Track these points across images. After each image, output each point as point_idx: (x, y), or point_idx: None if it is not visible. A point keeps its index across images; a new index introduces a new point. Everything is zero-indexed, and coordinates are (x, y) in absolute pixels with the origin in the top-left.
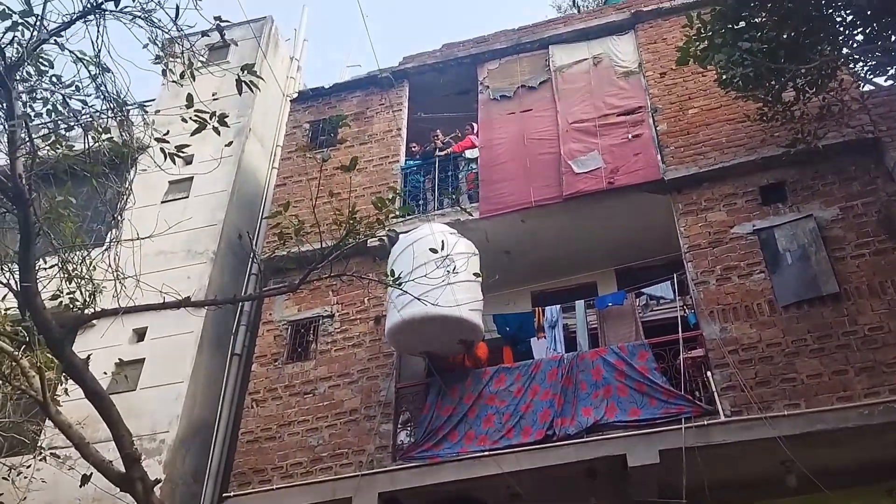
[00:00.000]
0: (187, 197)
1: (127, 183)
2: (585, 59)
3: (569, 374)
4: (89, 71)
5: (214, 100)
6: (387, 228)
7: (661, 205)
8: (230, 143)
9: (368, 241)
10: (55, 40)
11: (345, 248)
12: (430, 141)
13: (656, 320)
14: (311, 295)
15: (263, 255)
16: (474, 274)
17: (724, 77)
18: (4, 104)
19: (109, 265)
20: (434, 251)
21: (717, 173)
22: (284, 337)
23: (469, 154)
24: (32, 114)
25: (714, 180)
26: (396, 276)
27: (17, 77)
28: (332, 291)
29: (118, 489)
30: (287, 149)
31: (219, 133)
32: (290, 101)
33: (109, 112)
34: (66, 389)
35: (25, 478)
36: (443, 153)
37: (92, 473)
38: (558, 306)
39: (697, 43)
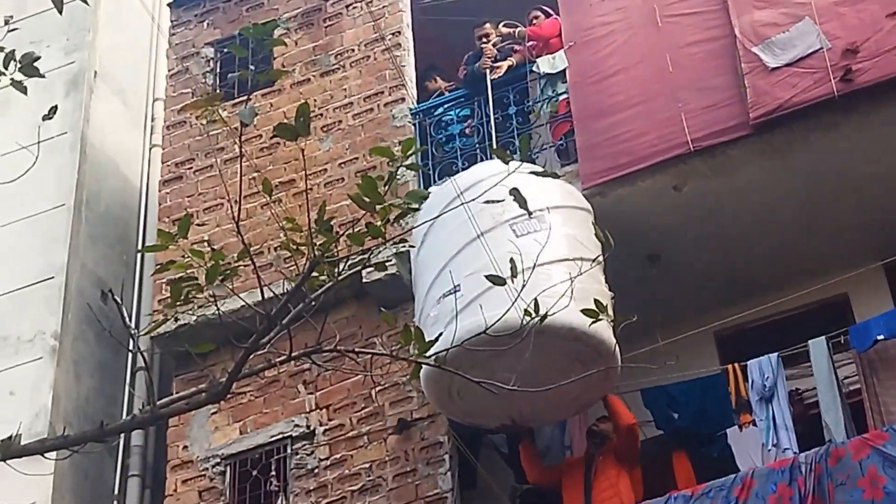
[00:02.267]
0: None
1: None
2: None
3: (816, 494)
4: None
5: (10, 29)
6: (390, 243)
7: None
8: (52, 110)
9: (364, 274)
10: None
11: (313, 297)
12: (472, 52)
13: None
14: (265, 398)
15: (154, 329)
16: (593, 258)
17: None
18: None
19: None
20: (499, 203)
21: None
22: (219, 488)
23: (548, 64)
24: None
25: None
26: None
27: None
28: (304, 385)
29: None
30: (174, 104)
31: (25, 92)
32: (169, 4)
33: None
34: None
35: None
36: (497, 67)
37: None
38: (774, 356)
39: None
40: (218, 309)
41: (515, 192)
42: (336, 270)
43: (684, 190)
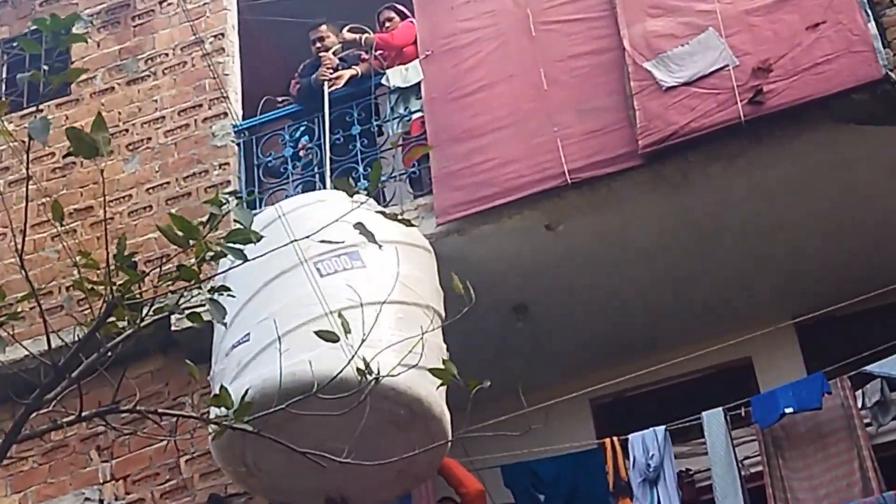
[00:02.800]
0: None
1: None
2: None
3: None
4: None
5: None
6: (206, 285)
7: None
8: None
9: (172, 321)
10: None
11: (110, 346)
12: (311, 58)
13: None
14: (51, 466)
15: None
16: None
17: None
18: None
19: None
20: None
21: None
22: None
23: (400, 76)
24: None
25: None
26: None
27: None
28: (97, 452)
29: None
30: None
31: None
32: None
33: None
34: None
35: None
36: (337, 78)
37: None
38: (661, 429)
39: None
40: None
41: (360, 227)
42: (139, 315)
43: (559, 229)
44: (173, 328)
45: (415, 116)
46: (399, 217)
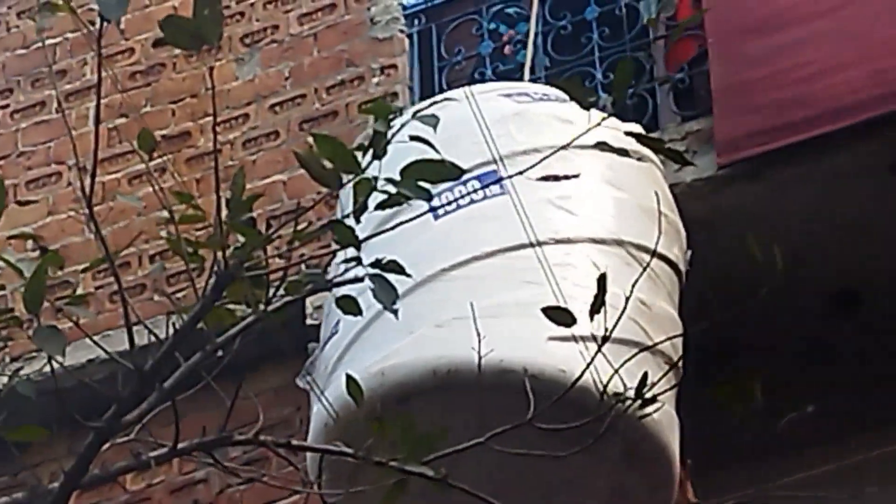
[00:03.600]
0: None
1: None
2: None
3: None
4: None
5: None
6: (360, 243)
7: None
8: None
9: (309, 309)
10: None
11: (221, 343)
12: None
13: None
14: None
15: None
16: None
17: None
18: None
19: None
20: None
21: None
22: None
23: None
24: None
25: None
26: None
27: None
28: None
29: None
30: None
31: None
32: None
33: None
34: None
35: None
36: None
37: None
38: None
39: None
40: (51, 364)
41: (605, 146)
42: (265, 295)
43: None
44: (309, 321)
45: None
46: (665, 146)
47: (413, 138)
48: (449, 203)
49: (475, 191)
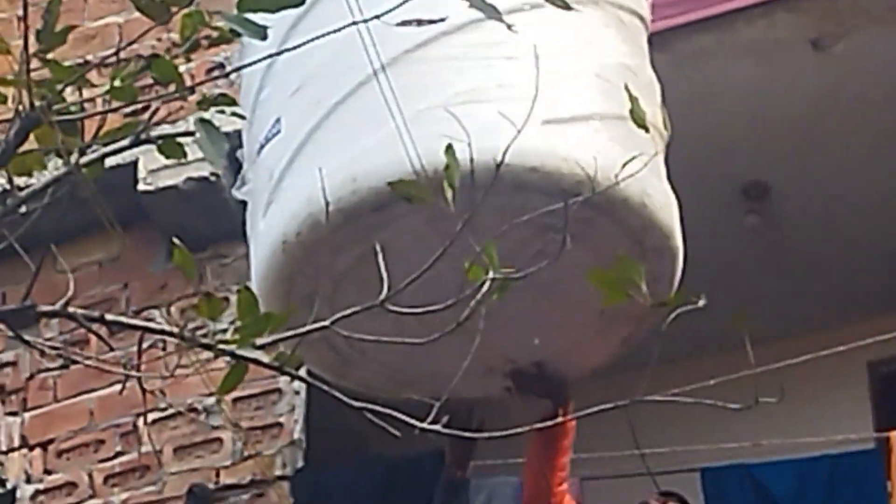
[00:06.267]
0: None
1: None
2: None
3: None
4: None
5: None
6: (193, 87)
7: None
8: None
9: (141, 172)
10: None
11: (24, 198)
12: None
13: None
14: None
15: None
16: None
17: None
18: None
19: None
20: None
21: None
22: None
23: None
24: None
25: None
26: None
27: None
28: (0, 397)
29: None
30: None
31: None
32: None
33: None
34: None
35: None
36: None
37: None
38: None
39: None
40: None
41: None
42: (79, 144)
43: (834, 49)
44: (142, 186)
45: None
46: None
47: None
48: None
49: None
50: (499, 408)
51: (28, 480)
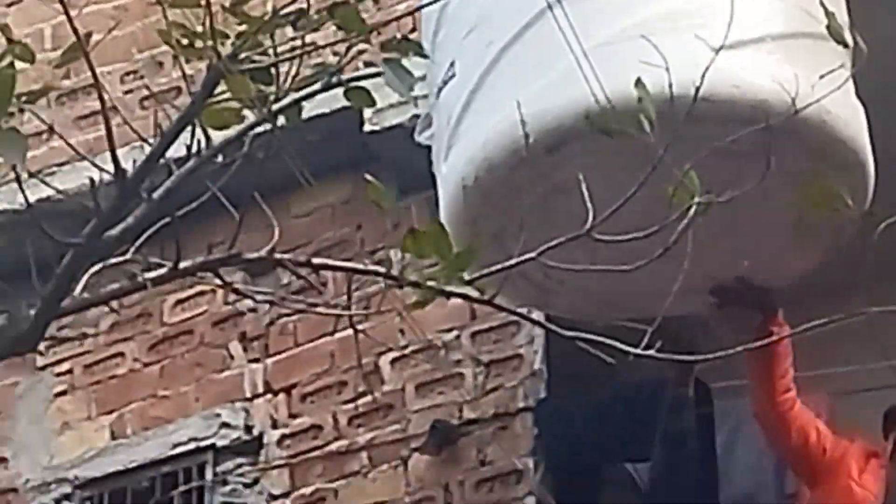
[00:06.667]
0: None
1: None
2: None
3: None
4: None
5: None
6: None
7: None
8: None
9: (367, 115)
10: None
11: (223, 146)
12: None
13: None
14: (164, 366)
15: None
16: None
17: None
18: None
19: None
20: None
21: None
22: None
23: None
24: None
25: None
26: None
27: None
28: (242, 343)
29: None
30: None
31: None
32: None
33: None
34: None
35: None
36: None
37: None
38: None
39: None
40: (18, 178)
41: None
42: (275, 93)
43: None
44: (368, 127)
45: None
46: None
47: None
48: None
49: None
50: (705, 329)
51: (274, 426)
